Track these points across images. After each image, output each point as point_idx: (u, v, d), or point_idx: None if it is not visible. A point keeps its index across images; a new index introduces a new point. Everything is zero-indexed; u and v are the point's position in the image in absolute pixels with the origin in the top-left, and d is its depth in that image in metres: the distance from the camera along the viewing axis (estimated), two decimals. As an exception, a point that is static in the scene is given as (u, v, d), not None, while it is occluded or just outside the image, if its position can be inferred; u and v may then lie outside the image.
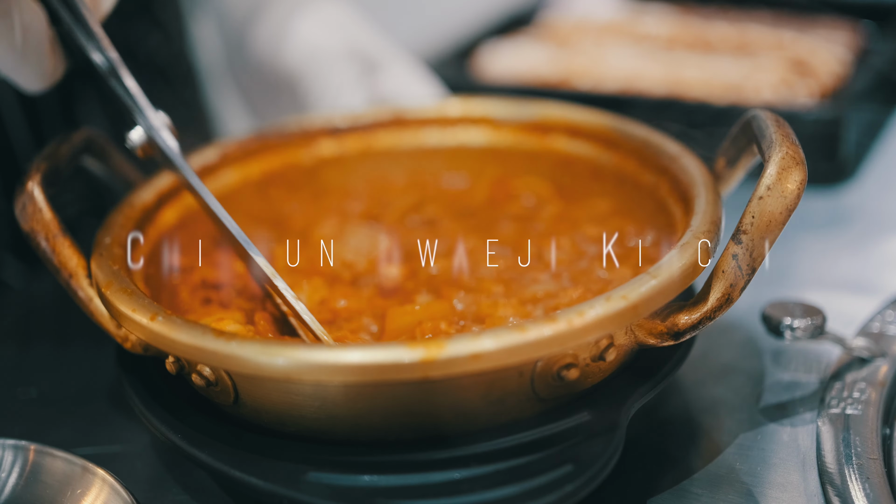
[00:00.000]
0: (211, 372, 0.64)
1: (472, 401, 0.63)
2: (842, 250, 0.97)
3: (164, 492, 0.70)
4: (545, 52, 1.30)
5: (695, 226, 0.68)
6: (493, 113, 0.92)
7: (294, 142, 0.92)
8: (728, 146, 0.77)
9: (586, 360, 0.64)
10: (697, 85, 1.18)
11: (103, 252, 0.73)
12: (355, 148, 0.93)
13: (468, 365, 0.59)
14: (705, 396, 0.76)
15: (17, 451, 0.70)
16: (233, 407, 0.66)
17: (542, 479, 0.59)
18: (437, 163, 0.93)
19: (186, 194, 0.83)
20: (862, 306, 0.84)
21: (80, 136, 0.80)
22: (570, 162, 0.88)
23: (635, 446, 0.70)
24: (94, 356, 0.85)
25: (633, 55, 1.27)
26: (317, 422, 0.63)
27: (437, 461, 0.62)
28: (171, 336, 0.63)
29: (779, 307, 0.76)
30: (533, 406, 0.64)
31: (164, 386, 0.71)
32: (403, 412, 0.62)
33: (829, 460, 0.68)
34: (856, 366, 0.76)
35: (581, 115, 0.89)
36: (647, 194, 0.81)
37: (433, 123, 0.94)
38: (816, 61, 1.21)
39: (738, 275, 0.64)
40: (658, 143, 0.82)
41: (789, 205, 0.64)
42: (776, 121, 0.69)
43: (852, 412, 0.71)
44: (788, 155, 0.65)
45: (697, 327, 0.65)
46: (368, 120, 0.93)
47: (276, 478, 0.61)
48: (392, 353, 0.59)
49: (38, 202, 0.72)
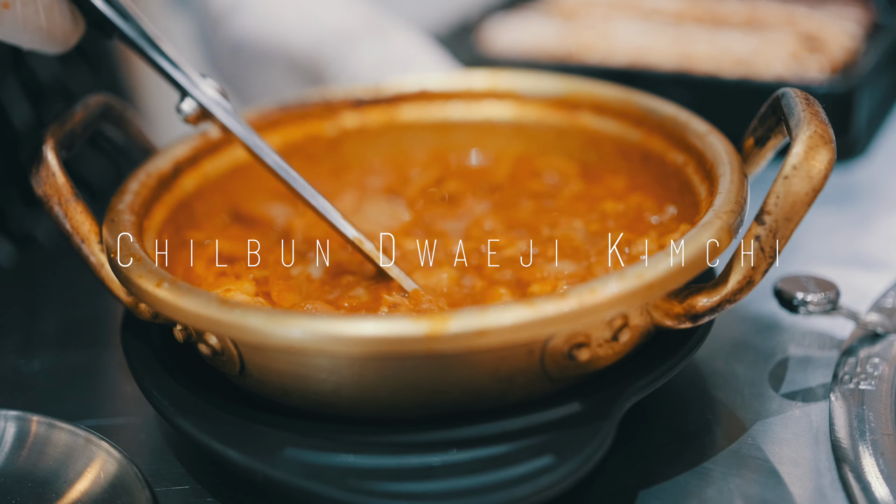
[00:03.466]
0: (217, 341, 0.63)
1: (480, 377, 0.61)
2: (854, 225, 0.96)
3: (167, 464, 0.70)
4: (552, 26, 1.29)
5: (717, 205, 0.66)
6: (520, 87, 0.90)
7: (316, 113, 0.90)
8: (756, 125, 0.74)
9: (599, 340, 0.62)
10: (707, 60, 1.17)
11: (115, 218, 0.72)
12: (378, 121, 0.92)
13: (475, 340, 0.58)
14: (717, 371, 0.75)
15: (21, 422, 0.69)
16: (238, 377, 0.65)
17: (519, 470, 0.58)
18: (461, 137, 0.92)
19: (204, 163, 0.83)
20: (875, 281, 0.83)
21: (98, 102, 0.79)
22: (597, 139, 0.87)
23: (644, 420, 0.69)
24: (97, 329, 0.85)
25: (642, 30, 1.25)
26: (321, 395, 0.63)
27: (418, 444, 0.61)
28: (176, 303, 0.62)
29: (792, 282, 0.75)
30: (543, 386, 0.63)
31: (166, 355, 0.70)
32: (411, 387, 0.62)
33: (843, 436, 0.67)
34: (869, 341, 0.75)
35: (608, 91, 0.87)
36: (672, 173, 0.79)
37: (458, 97, 0.92)
38: (827, 36, 1.19)
39: (761, 257, 0.62)
40: (685, 120, 0.79)
41: (815, 185, 0.61)
42: (805, 98, 0.67)
43: (866, 387, 0.70)
44: (816, 134, 0.63)
45: (716, 310, 0.63)
46: (392, 92, 0.92)
47: (253, 452, 0.60)
48: (399, 326, 0.58)
49: (52, 166, 0.71)
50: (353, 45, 1.08)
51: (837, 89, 1.07)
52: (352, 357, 0.60)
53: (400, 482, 0.58)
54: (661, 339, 0.67)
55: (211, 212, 0.83)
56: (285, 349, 0.61)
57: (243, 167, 0.85)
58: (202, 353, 0.65)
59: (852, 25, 1.24)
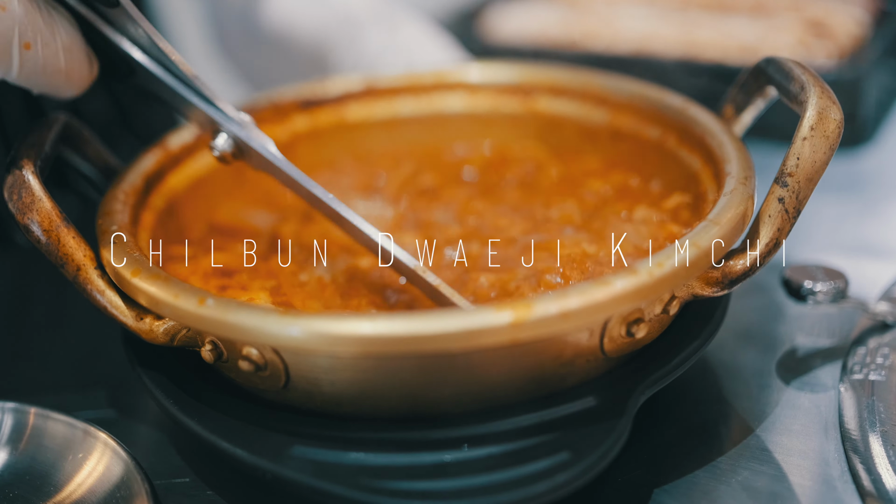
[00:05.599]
0: (259, 354, 0.60)
1: (546, 364, 0.61)
2: (862, 213, 0.95)
3: (166, 456, 0.69)
4: (556, 13, 1.28)
5: (734, 172, 0.68)
6: (470, 78, 0.89)
7: (266, 117, 0.86)
8: (736, 92, 0.76)
9: (651, 315, 0.63)
10: (713, 46, 1.15)
11: (116, 240, 0.67)
12: (328, 121, 0.89)
13: (556, 324, 0.57)
14: (725, 362, 0.74)
15: (18, 414, 0.68)
16: (281, 391, 0.62)
17: (535, 467, 0.56)
18: (414, 132, 0.90)
19: (171, 176, 0.79)
20: (883, 270, 0.82)
21: (58, 123, 0.74)
22: (558, 123, 0.86)
23: (652, 414, 0.68)
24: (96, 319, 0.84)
25: (647, 16, 1.24)
26: (379, 399, 0.61)
27: (431, 441, 0.59)
28: (228, 320, 0.59)
29: (800, 270, 0.74)
30: (599, 366, 0.62)
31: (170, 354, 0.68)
32: (486, 379, 0.60)
33: (852, 427, 0.66)
34: (879, 331, 0.74)
35: (565, 74, 0.86)
36: (651, 148, 0.80)
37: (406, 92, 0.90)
38: (834, 22, 1.18)
39: (785, 218, 0.63)
40: (658, 97, 0.80)
41: (832, 144, 0.64)
42: (800, 64, 0.69)
43: (876, 378, 0.69)
44: (825, 95, 0.65)
45: (749, 273, 0.64)
46: (339, 90, 0.89)
47: (262, 450, 0.59)
48: (481, 317, 0.57)
49: (35, 191, 0.65)
50: (360, 31, 1.07)
51: (844, 76, 1.06)
52: (422, 356, 0.58)
53: (412, 480, 0.57)
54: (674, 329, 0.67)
55: (187, 225, 0.80)
56: (354, 355, 0.58)
57: (205, 179, 0.82)
58: (240, 370, 0.62)
59: (859, 12, 1.23)
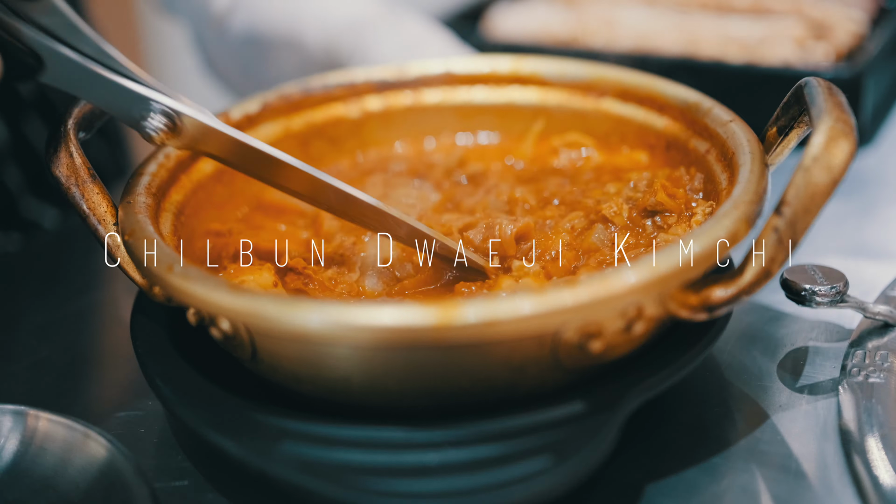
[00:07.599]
0: (230, 326, 0.63)
1: (494, 367, 0.61)
2: (861, 215, 0.95)
3: (167, 458, 0.69)
4: (557, 12, 1.28)
5: (736, 195, 0.65)
6: (544, 72, 0.90)
7: (339, 95, 0.90)
8: (779, 114, 0.73)
9: (613, 331, 0.61)
10: (712, 46, 1.15)
11: (132, 199, 0.71)
12: (402, 104, 0.92)
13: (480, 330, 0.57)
14: (724, 363, 0.74)
15: (17, 416, 0.68)
16: (251, 362, 0.65)
17: (515, 471, 0.57)
18: (482, 120, 0.92)
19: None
20: (882, 271, 0.82)
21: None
22: (620, 124, 0.86)
23: (648, 413, 0.68)
24: (97, 321, 0.84)
25: (647, 16, 1.24)
26: (331, 382, 0.62)
27: (415, 442, 0.60)
28: (186, 287, 0.62)
29: (799, 272, 0.74)
30: (556, 376, 0.62)
31: (174, 345, 0.69)
32: (421, 376, 0.61)
33: (852, 429, 0.66)
34: (878, 332, 0.74)
35: (631, 77, 0.86)
36: (694, 160, 0.78)
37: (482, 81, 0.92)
38: (833, 22, 1.18)
39: (778, 248, 0.61)
40: (708, 107, 0.78)
41: (835, 176, 0.60)
42: (828, 88, 0.66)
43: (875, 380, 0.70)
44: (838, 124, 0.62)
45: (732, 302, 0.62)
46: (415, 75, 0.92)
47: (251, 444, 0.60)
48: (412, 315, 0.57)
49: (71, 146, 0.71)
50: (372, 33, 1.07)
51: (843, 76, 1.06)
52: (359, 347, 0.60)
53: (395, 479, 0.57)
54: (672, 335, 0.66)
55: (231, 196, 0.82)
56: (291, 336, 0.60)
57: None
58: (214, 337, 0.65)
59: (858, 12, 1.23)
